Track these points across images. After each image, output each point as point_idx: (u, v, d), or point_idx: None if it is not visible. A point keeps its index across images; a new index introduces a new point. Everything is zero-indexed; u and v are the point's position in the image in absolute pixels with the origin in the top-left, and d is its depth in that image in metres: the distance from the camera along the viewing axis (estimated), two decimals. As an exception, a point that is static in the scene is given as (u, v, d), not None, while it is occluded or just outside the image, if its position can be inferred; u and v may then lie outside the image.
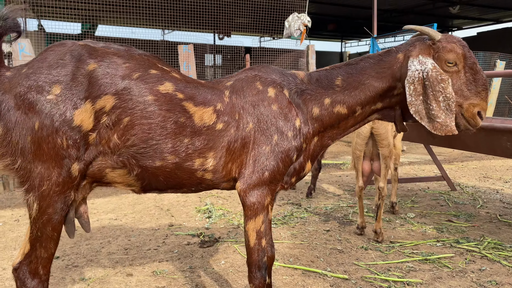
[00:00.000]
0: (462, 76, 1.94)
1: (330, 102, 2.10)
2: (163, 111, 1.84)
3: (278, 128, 2.00)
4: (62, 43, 1.88)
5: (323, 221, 4.10)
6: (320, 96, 2.10)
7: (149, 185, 1.95)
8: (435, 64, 1.93)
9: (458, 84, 1.94)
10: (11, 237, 3.64)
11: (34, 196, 1.76)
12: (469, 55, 1.95)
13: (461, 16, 16.57)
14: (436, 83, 1.90)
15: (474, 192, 5.29)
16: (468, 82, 1.93)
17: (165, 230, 3.81)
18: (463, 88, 1.93)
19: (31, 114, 1.72)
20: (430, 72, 1.90)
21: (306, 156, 2.14)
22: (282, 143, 2.00)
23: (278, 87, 2.08)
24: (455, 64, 1.93)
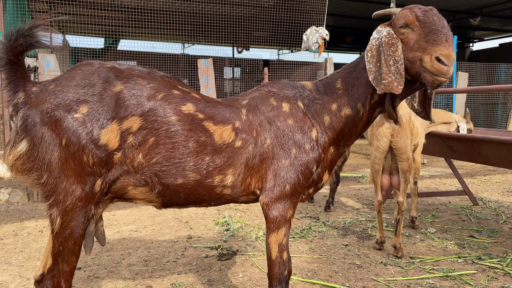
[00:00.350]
0: (418, 32, 1.86)
1: (336, 107, 2.13)
2: (186, 131, 1.90)
3: (295, 142, 2.04)
4: (90, 63, 1.94)
5: (342, 235, 4.07)
6: (327, 103, 2.14)
7: (170, 201, 2.00)
8: (390, 31, 1.93)
9: (415, 40, 1.86)
10: (35, 247, 3.74)
11: (58, 211, 1.80)
12: (422, 15, 1.86)
13: (482, 27, 16.36)
14: (387, 48, 1.90)
15: (497, 207, 5.17)
16: (424, 35, 1.84)
17: (184, 242, 3.85)
18: (421, 42, 1.84)
19: (58, 131, 1.77)
20: (384, 38, 1.92)
21: (324, 166, 2.17)
22: (300, 156, 2.03)
23: (292, 100, 2.13)
24: (407, 26, 1.88)
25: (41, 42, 1.87)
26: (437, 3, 12.55)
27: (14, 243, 3.86)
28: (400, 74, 1.88)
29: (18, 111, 1.81)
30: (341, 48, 21.45)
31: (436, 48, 1.78)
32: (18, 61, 1.84)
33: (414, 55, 1.85)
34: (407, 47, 1.89)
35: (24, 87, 1.85)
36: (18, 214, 4.97)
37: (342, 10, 13.37)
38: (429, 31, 1.82)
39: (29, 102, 1.81)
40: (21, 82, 1.85)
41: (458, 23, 15.11)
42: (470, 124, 5.09)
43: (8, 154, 1.82)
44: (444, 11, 13.46)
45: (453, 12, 13.71)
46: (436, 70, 1.76)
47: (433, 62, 1.77)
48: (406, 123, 3.46)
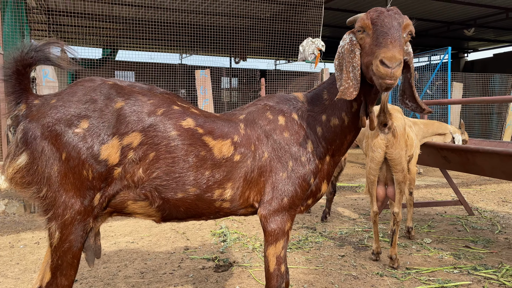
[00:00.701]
0: (372, 36, 1.86)
1: (326, 117, 2.15)
2: (186, 146, 1.93)
3: (292, 155, 2.07)
4: (92, 79, 1.98)
5: (338, 246, 4.09)
6: (318, 114, 2.17)
7: (169, 215, 2.02)
8: (352, 38, 1.95)
9: (369, 45, 1.86)
10: (31, 259, 3.74)
11: (57, 224, 1.81)
12: (377, 18, 1.85)
13: (477, 38, 16.55)
14: (348, 54, 1.93)
15: (492, 217, 5.21)
16: (375, 38, 1.82)
17: (181, 254, 3.85)
18: (372, 46, 1.83)
19: (58, 145, 1.79)
20: (346, 46, 1.95)
21: (322, 176, 2.20)
22: (297, 168, 2.06)
23: (287, 113, 2.16)
24: (364, 30, 1.88)
25: (50, 60, 1.91)
26: (431, 15, 12.72)
27: (10, 255, 3.85)
28: (356, 80, 1.89)
29: (18, 123, 1.83)
30: (338, 58, 21.56)
31: (380, 51, 1.75)
32: (25, 73, 1.88)
33: (368, 60, 1.85)
34: (364, 51, 1.90)
35: (26, 99, 1.87)
36: (14, 226, 4.96)
37: (338, 21, 13.50)
38: (379, 34, 1.81)
39: (30, 115, 1.83)
40: (24, 94, 1.88)
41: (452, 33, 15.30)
42: (465, 135, 5.14)
43: (7, 167, 1.83)
44: (439, 22, 13.63)
45: (448, 23, 13.88)
46: (381, 74, 1.73)
47: (377, 65, 1.74)
48: (401, 134, 3.50)
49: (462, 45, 18.58)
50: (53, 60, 1.91)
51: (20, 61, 1.85)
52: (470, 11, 12.32)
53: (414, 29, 1.93)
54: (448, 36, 15.85)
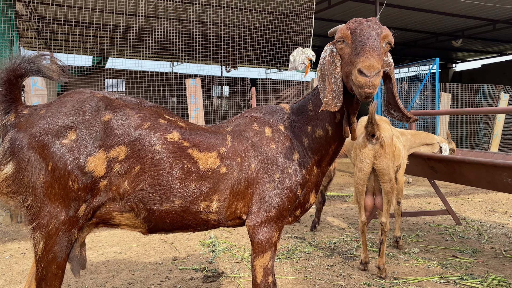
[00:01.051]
0: (351, 47, 1.86)
1: (311, 128, 2.16)
2: (171, 158, 1.94)
3: (278, 166, 2.09)
4: (81, 91, 2.00)
5: (327, 256, 4.10)
6: (304, 125, 2.18)
7: (155, 226, 2.02)
8: (333, 50, 1.96)
9: (348, 55, 1.87)
10: (17, 270, 3.69)
11: (41, 234, 1.82)
12: (356, 28, 1.86)
13: (464, 49, 16.83)
14: (329, 66, 1.94)
15: (479, 227, 5.26)
16: (354, 49, 1.83)
17: (169, 264, 3.83)
18: (352, 56, 1.84)
19: (45, 155, 1.80)
20: (327, 57, 1.96)
21: (309, 187, 2.20)
22: (284, 179, 2.08)
23: (273, 125, 2.18)
24: (343, 41, 1.90)
25: (42, 71, 1.93)
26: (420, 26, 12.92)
27: (-4, 266, 3.80)
28: (339, 91, 1.90)
29: (6, 132, 1.84)
30: (328, 67, 21.76)
31: (359, 60, 1.75)
32: (16, 83, 1.90)
33: (348, 70, 1.85)
34: (344, 62, 1.90)
35: (16, 109, 1.89)
36: (0, 236, 4.89)
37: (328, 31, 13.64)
38: (357, 43, 1.81)
39: (18, 124, 1.84)
40: (14, 103, 1.90)
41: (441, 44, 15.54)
42: (452, 144, 5.21)
43: None
44: (427, 33, 13.84)
45: (436, 34, 14.11)
46: (360, 83, 1.72)
47: (356, 75, 1.74)
48: (388, 145, 3.54)
49: (451, 55, 18.88)
50: (45, 71, 1.94)
51: (12, 72, 1.88)
52: (458, 22, 12.54)
53: (393, 39, 1.95)
54: (437, 46, 16.11)
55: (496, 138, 11.28)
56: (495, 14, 11.61)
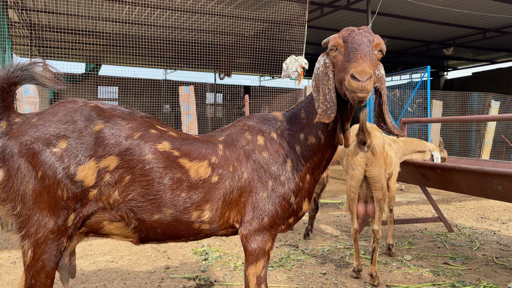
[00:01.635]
0: (343, 54, 1.91)
1: (303, 136, 2.17)
2: (161, 168, 1.94)
3: (271, 174, 2.09)
4: (74, 100, 2.00)
5: (320, 264, 4.09)
6: (296, 133, 2.19)
7: (146, 236, 2.01)
8: (326, 60, 2.00)
9: (341, 62, 1.91)
10: (7, 280, 3.64)
11: (30, 243, 1.81)
12: (347, 35, 1.91)
13: (456, 57, 17.03)
14: (323, 77, 1.97)
15: (471, 234, 5.29)
16: (347, 55, 1.87)
17: (161, 273, 3.80)
18: (344, 63, 1.87)
19: (34, 163, 1.80)
20: (320, 68, 2.00)
21: (302, 195, 2.21)
22: (277, 188, 2.08)
23: (265, 133, 2.19)
24: (336, 48, 1.93)
25: (36, 79, 1.94)
26: (412, 34, 13.06)
27: (-15, 276, 3.75)
28: (333, 102, 1.93)
29: None
30: (321, 75, 21.89)
31: (351, 65, 1.79)
32: (9, 91, 1.90)
33: (341, 76, 1.88)
34: (337, 69, 1.93)
35: (8, 116, 1.89)
36: (-10, 245, 4.84)
37: (321, 39, 13.74)
38: (350, 50, 1.85)
39: (10, 132, 1.84)
40: (6, 111, 1.90)
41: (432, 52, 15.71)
42: (444, 152, 5.24)
43: None
44: (419, 41, 14.00)
45: (427, 43, 14.26)
46: (352, 88, 1.75)
47: (349, 80, 1.77)
48: (380, 153, 3.56)
49: (442, 63, 19.08)
50: (38, 79, 1.95)
51: (6, 79, 1.88)
52: (449, 31, 12.70)
53: (385, 47, 1.99)
54: (428, 55, 16.28)
55: (487, 145, 11.39)
56: (485, 23, 11.78)
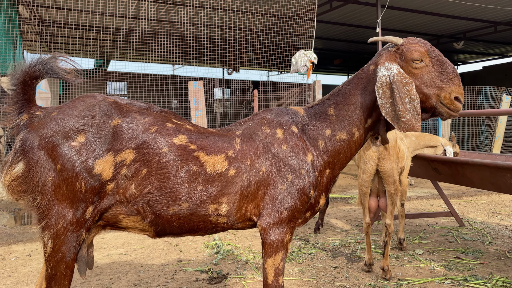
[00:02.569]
0: (431, 69, 2.08)
1: (330, 132, 2.20)
2: (177, 162, 1.95)
3: (291, 167, 2.09)
4: (93, 95, 2.03)
5: (331, 258, 4.11)
6: (321, 129, 2.22)
7: (163, 230, 2.03)
8: (400, 69, 2.08)
9: (429, 77, 2.08)
10: (23, 272, 3.71)
11: (50, 234, 1.84)
12: (431, 50, 2.10)
13: (466, 51, 16.85)
14: (402, 86, 2.04)
15: (482, 228, 5.27)
16: (438, 73, 2.07)
17: (174, 266, 3.84)
18: (435, 80, 2.07)
19: (54, 156, 1.83)
20: (396, 77, 2.05)
21: (320, 189, 2.21)
22: (296, 181, 2.08)
23: (285, 126, 2.19)
24: (421, 60, 2.08)
25: (56, 72, 1.97)
26: (422, 28, 12.94)
27: (2, 268, 3.82)
28: (417, 112, 2.04)
29: (19, 132, 1.88)
30: (329, 70, 21.85)
31: (454, 87, 2.05)
32: (31, 84, 1.94)
33: (430, 91, 2.07)
34: (422, 82, 2.09)
35: (29, 110, 1.93)
36: (5, 238, 4.92)
37: (330, 33, 13.69)
38: (443, 69, 2.07)
39: (31, 125, 1.88)
40: (27, 104, 1.94)
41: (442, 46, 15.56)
42: (456, 147, 5.21)
43: (5, 174, 1.88)
44: (429, 35, 13.87)
45: (437, 36, 14.13)
46: (455, 108, 2.05)
47: (452, 101, 2.04)
48: (392, 147, 3.56)
49: (452, 57, 18.90)
50: (59, 73, 1.98)
51: (28, 73, 1.91)
52: (460, 24, 12.57)
53: None
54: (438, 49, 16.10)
55: (498, 140, 11.29)
56: (496, 16, 11.64)
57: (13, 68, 1.94)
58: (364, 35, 13.68)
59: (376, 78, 2.10)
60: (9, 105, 1.91)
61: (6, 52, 8.07)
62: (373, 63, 2.19)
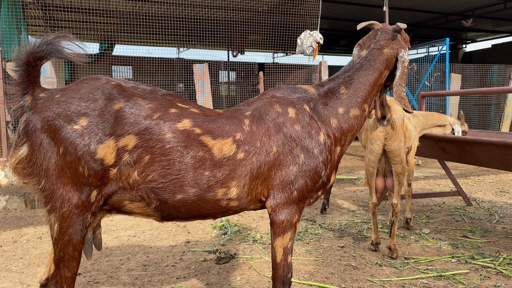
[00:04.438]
0: None
1: (344, 110, 2.25)
2: (181, 147, 1.91)
3: (303, 147, 2.07)
4: (97, 77, 1.99)
5: (338, 237, 4.13)
6: (333, 107, 2.24)
7: (169, 215, 2.02)
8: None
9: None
10: (34, 254, 3.77)
11: (56, 217, 1.85)
12: None
13: (475, 29, 16.53)
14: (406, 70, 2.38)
15: (490, 207, 5.26)
16: None
17: (182, 247, 3.89)
18: None
19: (56, 139, 1.82)
20: (407, 62, 2.37)
21: (332, 167, 2.22)
22: (309, 161, 2.07)
23: (297, 105, 2.17)
24: None
25: (61, 52, 1.94)
26: (429, 6, 12.69)
27: (14, 250, 3.89)
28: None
29: (22, 114, 1.87)
30: (336, 50, 21.58)
31: None
32: (35, 65, 1.91)
33: None
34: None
35: (33, 91, 1.91)
36: (16, 221, 5.00)
37: (336, 13, 13.47)
38: None
39: (34, 107, 1.87)
40: (31, 86, 1.91)
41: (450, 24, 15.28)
42: (464, 126, 5.15)
43: (10, 157, 1.88)
44: (437, 13, 13.60)
45: (446, 14, 13.85)
46: None
47: None
48: (399, 126, 3.53)
49: (461, 36, 18.56)
50: (64, 53, 1.95)
51: (32, 54, 1.89)
52: (468, 1, 12.29)
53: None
54: (446, 27, 15.82)
55: (507, 119, 11.17)
56: (506, -8, 11.36)
57: (18, 50, 1.92)
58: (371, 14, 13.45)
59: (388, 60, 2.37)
60: (13, 86, 1.89)
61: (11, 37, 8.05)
62: (387, 46, 2.38)
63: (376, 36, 2.40)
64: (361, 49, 2.41)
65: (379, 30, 2.43)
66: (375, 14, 13.25)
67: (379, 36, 2.39)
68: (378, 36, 2.40)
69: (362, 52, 2.38)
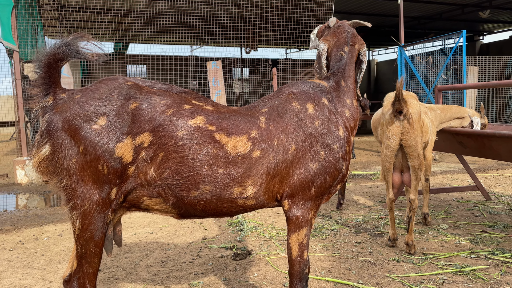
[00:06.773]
0: None
1: (350, 100, 2.32)
2: (194, 144, 1.92)
3: (323, 144, 2.07)
4: (115, 78, 2.02)
5: (354, 233, 4.12)
6: (343, 99, 2.30)
7: (186, 212, 2.03)
8: None
9: None
10: (55, 251, 3.86)
11: (77, 214, 1.90)
12: None
13: (492, 20, 16.20)
14: None
15: (510, 202, 5.17)
16: None
17: (199, 243, 3.93)
18: None
19: (76, 138, 1.87)
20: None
21: (349, 158, 2.23)
22: (329, 157, 2.07)
23: (316, 100, 2.17)
24: None
25: (80, 53, 1.99)
26: (445, -3, 12.47)
27: (35, 247, 3.98)
28: None
29: (44, 114, 1.92)
30: (349, 45, 21.35)
31: None
32: (56, 67, 1.96)
33: None
34: None
35: (54, 92, 1.95)
36: (37, 219, 5.11)
37: (349, 7, 13.35)
38: None
39: (55, 107, 1.91)
40: (53, 86, 1.96)
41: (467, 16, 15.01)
42: (484, 118, 5.03)
43: (33, 156, 1.93)
44: (453, 4, 13.37)
45: (462, 6, 13.61)
46: None
47: None
48: (416, 121, 3.49)
49: (477, 27, 18.21)
50: (83, 53, 1.99)
51: (52, 56, 1.93)
52: (485, -8, 12.05)
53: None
54: (463, 19, 15.54)
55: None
56: (525, -18, 11.09)
57: (38, 52, 1.96)
58: (384, 7, 13.30)
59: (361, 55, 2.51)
60: (35, 87, 1.94)
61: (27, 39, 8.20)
62: (356, 43, 2.50)
63: (348, 33, 2.49)
64: (328, 44, 2.49)
65: (345, 26, 2.54)
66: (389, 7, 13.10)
67: (351, 34, 2.50)
68: (350, 34, 2.50)
69: (345, 48, 2.46)
